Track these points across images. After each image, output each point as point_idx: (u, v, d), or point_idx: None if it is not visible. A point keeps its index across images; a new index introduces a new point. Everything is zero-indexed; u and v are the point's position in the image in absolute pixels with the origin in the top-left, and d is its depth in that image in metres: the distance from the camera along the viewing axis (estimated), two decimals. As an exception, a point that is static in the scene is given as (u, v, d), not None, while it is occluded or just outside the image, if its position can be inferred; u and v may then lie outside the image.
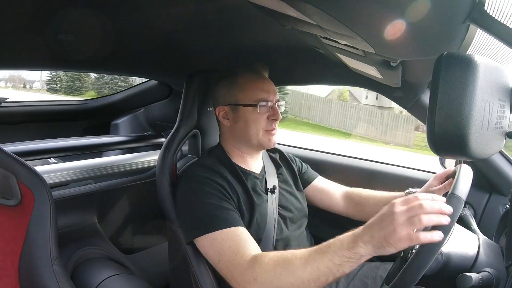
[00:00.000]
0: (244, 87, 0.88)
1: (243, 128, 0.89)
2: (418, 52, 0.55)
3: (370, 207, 0.99)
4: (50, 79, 13.78)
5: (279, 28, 0.72)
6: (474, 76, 0.39)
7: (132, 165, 1.38)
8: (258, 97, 0.87)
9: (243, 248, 0.72)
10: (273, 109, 0.89)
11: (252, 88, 0.88)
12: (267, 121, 0.88)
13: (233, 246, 0.73)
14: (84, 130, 1.81)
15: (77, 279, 1.03)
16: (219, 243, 0.74)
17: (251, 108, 0.87)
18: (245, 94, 0.88)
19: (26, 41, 0.86)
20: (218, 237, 0.74)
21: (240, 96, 0.88)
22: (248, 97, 0.87)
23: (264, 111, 0.88)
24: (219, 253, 0.74)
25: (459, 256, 0.61)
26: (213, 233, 0.75)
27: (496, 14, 0.38)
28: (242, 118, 0.88)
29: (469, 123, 0.40)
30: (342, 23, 0.44)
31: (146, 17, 0.77)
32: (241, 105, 0.88)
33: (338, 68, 1.04)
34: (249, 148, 0.92)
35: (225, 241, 0.74)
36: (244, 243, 0.73)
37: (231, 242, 0.73)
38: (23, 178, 0.76)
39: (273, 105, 0.89)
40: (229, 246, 0.73)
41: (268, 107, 0.88)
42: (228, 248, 0.73)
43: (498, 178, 0.98)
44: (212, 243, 0.75)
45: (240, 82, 0.89)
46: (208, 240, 0.76)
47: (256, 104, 0.86)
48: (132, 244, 1.45)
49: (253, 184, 0.90)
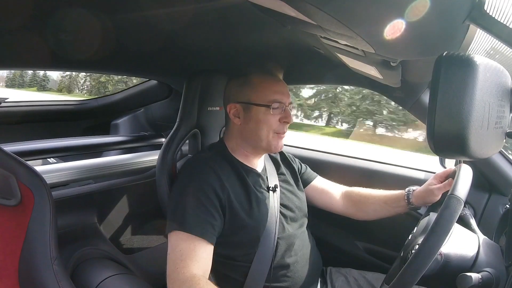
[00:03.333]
0: (258, 87, 0.87)
1: (254, 129, 0.88)
2: (418, 52, 0.55)
3: (369, 205, 0.99)
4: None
5: (279, 28, 0.72)
6: (474, 76, 0.39)
7: (132, 165, 1.38)
8: (272, 98, 0.86)
9: (191, 259, 0.74)
10: (285, 111, 0.87)
11: (266, 89, 0.86)
12: (279, 124, 0.87)
13: (184, 251, 0.75)
14: (84, 130, 1.81)
15: (77, 279, 1.03)
16: (175, 241, 0.77)
17: (264, 109, 0.86)
18: (258, 94, 0.86)
19: (26, 41, 0.86)
20: (178, 236, 0.77)
21: (253, 95, 0.87)
22: (262, 97, 0.86)
23: (277, 113, 0.86)
24: (171, 249, 0.77)
25: (459, 256, 0.61)
26: (175, 231, 0.77)
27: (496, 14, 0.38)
28: (254, 118, 0.87)
29: (469, 123, 0.40)
30: (342, 23, 0.44)
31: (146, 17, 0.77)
32: (254, 104, 0.86)
33: (338, 68, 1.04)
34: (255, 149, 0.91)
35: (181, 242, 0.76)
36: (194, 255, 0.74)
37: (184, 246, 0.75)
38: (23, 178, 0.76)
39: (286, 107, 0.88)
40: (181, 249, 0.75)
41: (281, 109, 0.87)
42: (179, 250, 0.75)
43: (498, 178, 0.98)
44: (172, 237, 0.78)
45: (254, 82, 0.88)
46: (171, 235, 0.79)
47: (270, 104, 0.85)
48: (132, 244, 1.44)
49: (255, 181, 0.90)
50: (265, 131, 0.87)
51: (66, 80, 16.11)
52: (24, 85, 16.42)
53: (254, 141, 0.89)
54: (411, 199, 0.91)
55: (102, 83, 14.45)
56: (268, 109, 0.85)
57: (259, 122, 0.87)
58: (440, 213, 0.56)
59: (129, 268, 1.20)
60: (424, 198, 0.88)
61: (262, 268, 0.84)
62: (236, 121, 0.90)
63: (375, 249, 1.22)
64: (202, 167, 0.85)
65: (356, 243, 1.25)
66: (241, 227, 0.83)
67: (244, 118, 0.89)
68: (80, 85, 15.51)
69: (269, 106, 0.85)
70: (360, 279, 1.00)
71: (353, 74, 1.02)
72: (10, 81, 16.17)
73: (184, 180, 0.85)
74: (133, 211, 1.42)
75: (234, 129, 0.93)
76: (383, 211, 0.97)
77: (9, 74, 16.37)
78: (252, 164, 0.94)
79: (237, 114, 0.89)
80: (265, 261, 0.84)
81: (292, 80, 1.39)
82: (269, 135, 0.87)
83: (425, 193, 0.87)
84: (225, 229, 0.82)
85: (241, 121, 0.89)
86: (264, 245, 0.84)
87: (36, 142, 1.24)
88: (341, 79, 1.24)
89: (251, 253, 0.84)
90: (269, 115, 0.86)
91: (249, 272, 0.83)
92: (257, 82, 0.88)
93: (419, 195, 0.89)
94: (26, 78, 16.57)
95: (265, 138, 0.87)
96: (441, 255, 0.60)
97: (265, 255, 0.84)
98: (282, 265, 0.86)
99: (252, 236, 0.84)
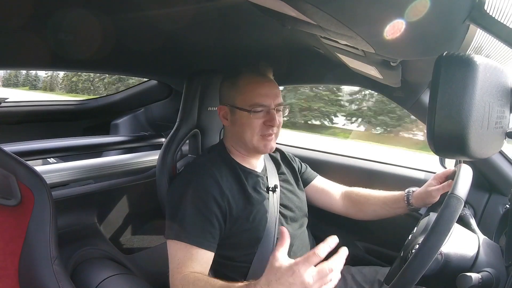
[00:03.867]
0: (242, 90, 0.86)
1: (239, 131, 0.88)
2: (418, 52, 0.55)
3: (369, 206, 0.99)
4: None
5: (279, 28, 0.72)
6: (474, 76, 0.39)
7: (132, 165, 1.38)
8: (254, 101, 0.85)
9: (187, 267, 0.75)
10: (270, 114, 0.85)
11: (249, 92, 0.86)
12: (263, 126, 0.86)
13: (181, 261, 0.76)
14: (84, 130, 1.81)
15: (77, 279, 1.03)
16: (174, 250, 0.78)
17: (246, 113, 0.85)
18: (242, 97, 0.86)
19: (26, 41, 0.86)
20: (177, 245, 0.78)
21: (238, 98, 0.87)
22: (244, 100, 0.86)
23: (260, 117, 0.85)
24: (171, 257, 0.78)
25: (459, 256, 0.61)
26: (174, 240, 0.78)
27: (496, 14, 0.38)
28: (238, 121, 0.87)
29: (469, 123, 0.40)
30: (342, 23, 0.44)
31: (146, 17, 0.77)
32: (238, 108, 0.86)
33: (338, 68, 1.04)
34: (246, 150, 0.91)
35: (179, 251, 0.77)
36: (190, 264, 0.76)
37: (181, 255, 0.76)
38: (23, 178, 0.76)
39: (270, 110, 0.86)
40: (179, 258, 0.76)
41: (265, 112, 0.86)
42: (177, 259, 0.77)
43: (498, 178, 0.98)
44: (170, 246, 0.79)
45: (240, 84, 0.87)
46: (169, 243, 0.80)
47: (250, 109, 0.84)
48: (132, 244, 1.45)
49: (254, 183, 0.90)
50: (249, 134, 0.86)
51: (48, 79, 18.27)
52: (18, 85, 18.31)
53: (242, 143, 0.90)
54: (411, 200, 0.91)
55: (73, 82, 16.75)
56: (249, 113, 0.85)
57: (242, 125, 0.86)
58: (440, 212, 0.56)
59: (129, 268, 1.20)
60: (423, 199, 0.88)
61: (262, 269, 0.83)
62: (225, 123, 0.91)
63: (375, 249, 1.22)
64: (201, 173, 0.84)
65: (356, 243, 1.25)
66: (241, 230, 0.83)
67: (231, 120, 0.89)
68: (59, 84, 17.81)
69: (249, 111, 0.84)
70: (358, 275, 1.00)
71: (353, 74, 1.02)
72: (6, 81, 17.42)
73: (183, 186, 0.84)
74: (133, 211, 1.42)
75: (227, 130, 0.94)
76: (382, 211, 0.97)
77: (5, 74, 17.95)
78: (250, 165, 0.94)
79: (226, 116, 0.90)
80: (265, 261, 0.83)
81: (292, 80, 1.39)
82: (253, 138, 0.86)
83: (424, 194, 0.88)
84: (225, 233, 0.82)
85: (229, 123, 0.90)
86: (263, 246, 0.84)
87: (36, 142, 1.24)
88: (341, 79, 1.24)
89: (251, 254, 0.84)
90: (251, 118, 0.85)
91: (249, 272, 0.84)
92: (242, 84, 0.87)
93: (418, 196, 0.89)
94: (20, 78, 18.55)
95: (249, 141, 0.87)
96: (441, 255, 0.60)
97: (264, 255, 0.84)
98: None
99: (251, 237, 0.84)
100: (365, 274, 0.99)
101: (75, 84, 16.52)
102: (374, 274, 0.98)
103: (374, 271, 0.99)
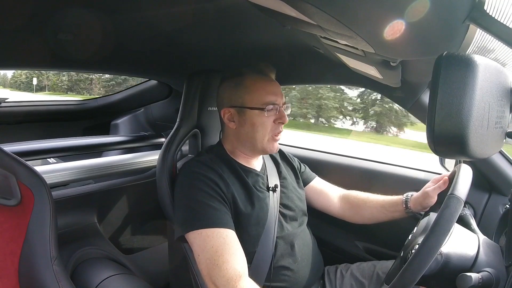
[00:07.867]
0: (251, 89, 0.86)
1: (249, 132, 0.87)
2: (418, 52, 0.55)
3: (367, 209, 0.99)
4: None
5: (279, 28, 0.72)
6: (474, 76, 0.39)
7: (132, 165, 1.38)
8: (266, 100, 0.85)
9: (229, 253, 0.73)
10: (280, 112, 0.87)
11: (259, 91, 0.86)
12: (274, 125, 0.87)
13: (218, 247, 0.73)
14: (84, 130, 1.81)
15: (77, 279, 1.03)
16: (203, 240, 0.75)
17: (258, 112, 0.85)
18: (252, 96, 0.85)
19: (26, 41, 0.86)
20: (203, 234, 0.75)
21: (247, 98, 0.86)
22: (255, 100, 0.85)
23: (272, 115, 0.86)
24: (200, 249, 0.75)
25: (459, 256, 0.60)
26: (198, 230, 0.76)
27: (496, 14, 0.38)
28: (248, 121, 0.86)
29: (469, 123, 0.40)
30: (342, 23, 0.44)
31: (146, 17, 0.77)
32: (248, 108, 0.86)
33: (338, 68, 1.04)
34: (252, 151, 0.91)
35: (209, 238, 0.74)
36: (230, 247, 0.74)
37: (215, 241, 0.74)
38: (23, 178, 0.76)
39: (280, 108, 0.87)
40: (212, 245, 0.74)
41: (276, 111, 0.86)
42: (211, 247, 0.73)
43: (498, 178, 0.98)
44: (196, 238, 0.76)
45: (247, 84, 0.87)
46: (194, 236, 0.77)
47: (264, 107, 0.84)
48: (132, 244, 1.45)
49: (254, 181, 0.90)
50: (261, 134, 0.87)
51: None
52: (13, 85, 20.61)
53: (250, 144, 0.89)
54: (409, 204, 0.91)
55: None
56: (262, 112, 0.85)
57: (254, 125, 0.86)
58: (440, 212, 0.56)
59: (129, 268, 1.20)
60: (421, 202, 0.88)
61: (262, 268, 0.84)
62: (231, 125, 0.90)
63: (375, 249, 1.21)
64: (204, 168, 0.84)
65: (356, 243, 1.25)
66: (242, 226, 0.83)
67: (239, 121, 0.88)
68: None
69: (263, 109, 0.85)
70: (356, 271, 1.00)
71: (353, 74, 1.02)
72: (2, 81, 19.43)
73: (187, 182, 0.83)
74: (133, 211, 1.42)
75: (230, 133, 0.92)
76: (380, 215, 0.97)
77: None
78: (251, 164, 0.94)
79: (232, 118, 0.89)
80: (265, 260, 0.84)
81: (292, 80, 1.39)
82: (265, 138, 0.87)
83: (421, 197, 0.88)
84: None
85: (236, 125, 0.89)
86: (263, 245, 0.84)
87: (36, 142, 1.24)
88: (341, 79, 1.24)
89: (251, 253, 0.84)
90: (264, 117, 0.85)
91: (249, 272, 0.83)
92: (249, 84, 0.87)
93: (416, 200, 0.89)
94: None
95: (260, 141, 0.87)
96: (441, 255, 0.60)
97: (264, 254, 0.84)
98: (282, 264, 0.86)
99: (251, 236, 0.84)
100: (363, 269, 0.99)
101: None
102: (373, 269, 0.98)
103: (372, 265, 0.99)
